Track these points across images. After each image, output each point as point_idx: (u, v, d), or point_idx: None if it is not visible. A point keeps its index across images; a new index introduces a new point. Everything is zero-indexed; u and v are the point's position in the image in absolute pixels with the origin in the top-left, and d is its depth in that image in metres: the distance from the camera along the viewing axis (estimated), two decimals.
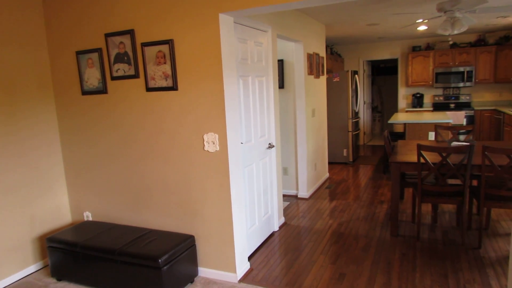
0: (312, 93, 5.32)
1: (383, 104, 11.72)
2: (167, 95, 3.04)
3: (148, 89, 3.09)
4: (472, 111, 7.67)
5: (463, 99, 8.14)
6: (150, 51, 3.01)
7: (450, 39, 5.17)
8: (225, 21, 2.82)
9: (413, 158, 3.74)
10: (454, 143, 4.06)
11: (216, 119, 2.90)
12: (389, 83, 11.40)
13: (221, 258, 3.09)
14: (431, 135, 5.79)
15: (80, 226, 3.41)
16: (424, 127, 5.80)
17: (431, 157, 3.64)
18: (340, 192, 5.41)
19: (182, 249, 2.94)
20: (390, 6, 4.66)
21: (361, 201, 4.98)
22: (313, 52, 5.33)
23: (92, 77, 3.33)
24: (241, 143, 3.24)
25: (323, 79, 5.96)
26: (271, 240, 3.87)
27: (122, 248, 2.91)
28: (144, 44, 3.02)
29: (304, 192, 5.21)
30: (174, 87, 2.99)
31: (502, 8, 3.66)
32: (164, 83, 3.02)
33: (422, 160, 3.49)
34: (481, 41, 7.84)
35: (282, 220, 4.31)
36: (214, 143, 2.94)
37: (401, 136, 6.30)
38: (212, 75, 2.85)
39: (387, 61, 11.00)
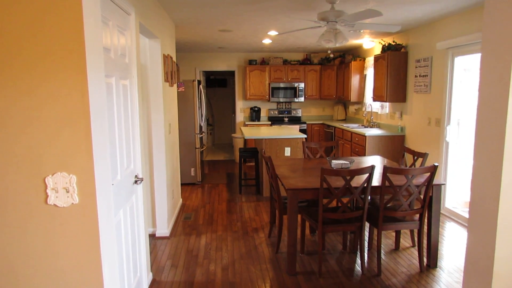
0: (168, 105, 4.30)
1: (214, 117, 11.46)
2: None
3: None
4: (305, 125, 8.11)
5: (294, 113, 8.57)
6: None
7: (330, 51, 5.08)
8: None
9: (309, 182, 3.27)
10: (334, 162, 3.83)
11: (73, 147, 1.64)
12: (218, 95, 11.22)
13: None
14: (287, 151, 5.62)
15: None
16: (280, 143, 5.58)
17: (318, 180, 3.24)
18: (204, 223, 4.54)
19: None
20: (265, 8, 4.13)
21: (233, 231, 4.25)
22: (168, 55, 4.33)
23: None
24: (112, 184, 2.01)
25: (175, 88, 5.00)
26: None
27: None
28: None
29: (164, 229, 4.11)
30: None
31: (380, 25, 3.65)
32: None
33: (324, 185, 3.05)
34: (307, 60, 8.41)
35: (150, 277, 3.14)
36: (68, 191, 1.66)
37: (252, 152, 5.92)
38: (64, 63, 1.58)
39: (217, 73, 10.78)
